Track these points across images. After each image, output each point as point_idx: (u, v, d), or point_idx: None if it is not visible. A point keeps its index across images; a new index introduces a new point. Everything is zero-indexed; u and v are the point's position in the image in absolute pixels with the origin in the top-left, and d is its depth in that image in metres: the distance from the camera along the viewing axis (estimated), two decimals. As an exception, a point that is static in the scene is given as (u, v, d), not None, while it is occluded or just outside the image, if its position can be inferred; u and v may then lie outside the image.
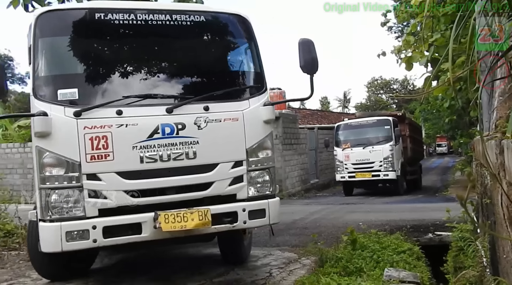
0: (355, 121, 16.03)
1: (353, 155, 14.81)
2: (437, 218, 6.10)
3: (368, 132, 15.23)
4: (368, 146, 14.63)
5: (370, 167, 14.47)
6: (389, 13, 9.56)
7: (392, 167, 14.18)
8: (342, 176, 15.12)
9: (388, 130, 14.62)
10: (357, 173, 14.72)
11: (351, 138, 15.37)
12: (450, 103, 10.19)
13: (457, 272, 3.93)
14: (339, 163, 15.20)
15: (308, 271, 4.50)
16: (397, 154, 14.51)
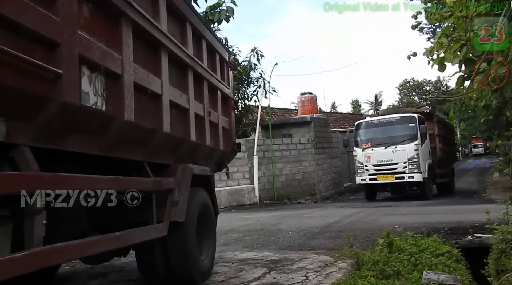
0: (376, 119, 14.90)
1: (374, 155, 13.63)
2: (476, 220, 5.97)
3: (391, 130, 13.96)
4: (391, 145, 13.42)
5: (393, 169, 13.30)
6: (420, 14, 9.43)
7: (417, 168, 12.98)
8: (363, 179, 13.91)
9: (413, 128, 13.39)
10: (378, 175, 13.53)
11: (372, 137, 14.15)
12: (485, 103, 9.93)
13: (499, 275, 3.85)
14: (359, 165, 14.04)
15: (344, 275, 4.50)
16: (424, 154, 13.43)
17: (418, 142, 13.14)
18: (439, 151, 15.21)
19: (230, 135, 5.59)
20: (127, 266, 5.53)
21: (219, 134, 5.04)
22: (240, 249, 6.23)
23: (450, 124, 24.12)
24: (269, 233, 7.36)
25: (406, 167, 13.07)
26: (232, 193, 13.57)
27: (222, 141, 5.11)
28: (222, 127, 5.14)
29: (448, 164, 17.26)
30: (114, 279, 4.87)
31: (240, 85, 18.16)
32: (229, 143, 5.49)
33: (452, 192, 16.20)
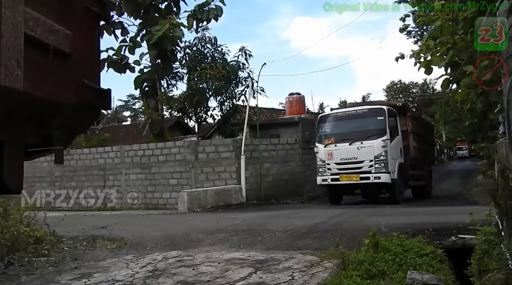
0: (341, 111, 13.15)
1: (338, 152, 11.99)
2: (460, 221, 6.04)
3: (357, 124, 12.38)
4: (356, 141, 11.77)
5: (358, 168, 11.65)
6: (408, 17, 9.53)
7: (385, 168, 11.36)
8: (324, 179, 12.22)
9: (381, 122, 11.73)
10: (342, 175, 11.85)
11: (335, 132, 12.57)
12: (470, 106, 10.09)
13: (482, 275, 3.90)
14: (321, 163, 12.33)
15: (330, 274, 4.52)
16: (394, 152, 11.83)
17: (386, 138, 11.54)
18: (413, 150, 13.48)
19: (81, 69, 2.29)
20: (112, 266, 5.48)
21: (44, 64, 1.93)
22: (226, 249, 6.22)
23: (428, 122, 22.12)
24: (256, 233, 7.36)
25: (372, 166, 11.48)
26: (219, 193, 13.54)
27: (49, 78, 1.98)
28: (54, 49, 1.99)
29: (424, 166, 15.66)
30: (99, 279, 4.82)
31: (228, 85, 18.15)
32: (75, 86, 2.23)
33: (428, 197, 14.87)
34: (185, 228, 8.52)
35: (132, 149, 15.97)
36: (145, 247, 6.83)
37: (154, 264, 5.44)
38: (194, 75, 17.97)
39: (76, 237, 7.69)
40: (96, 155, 16.67)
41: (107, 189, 16.06)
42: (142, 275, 4.92)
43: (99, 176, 16.36)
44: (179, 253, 6.07)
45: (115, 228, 8.78)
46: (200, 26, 17.67)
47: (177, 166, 14.92)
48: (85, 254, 6.47)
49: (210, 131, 23.28)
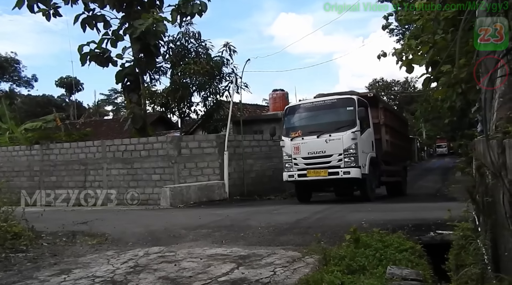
0: (308, 102, 12.34)
1: (305, 146, 11.22)
2: (439, 217, 6.16)
3: (325, 115, 11.66)
4: (324, 134, 11.02)
5: (326, 162, 10.91)
6: (391, 16, 9.61)
7: (355, 162, 10.67)
8: (290, 175, 11.43)
9: (351, 113, 11.00)
10: (309, 170, 11.10)
11: (303, 124, 11.79)
12: (450, 104, 10.27)
13: (459, 270, 3.99)
14: (287, 158, 11.55)
15: (312, 270, 4.56)
16: (364, 145, 11.17)
17: (356, 130, 10.84)
18: (386, 144, 12.74)
19: None
20: (93, 262, 5.42)
21: None
22: (209, 244, 6.21)
23: (402, 115, 21.03)
24: (239, 229, 7.37)
25: (342, 160, 10.75)
26: (202, 189, 13.50)
27: None
28: None
29: (399, 162, 14.97)
30: (79, 275, 4.76)
31: (212, 80, 18.06)
32: None
33: (403, 194, 14.41)
34: (167, 223, 8.48)
35: (114, 144, 15.77)
36: (126, 242, 6.77)
37: (135, 260, 5.40)
38: (177, 70, 17.82)
39: (56, 233, 7.57)
40: (76, 149, 16.42)
41: (88, 184, 15.86)
42: (123, 271, 4.88)
43: (80, 171, 16.12)
44: (161, 248, 6.04)
45: (96, 224, 8.69)
46: (184, 20, 17.53)
47: (160, 162, 14.81)
48: (64, 250, 6.38)
49: (193, 127, 23.16)
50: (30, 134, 19.07)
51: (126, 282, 4.43)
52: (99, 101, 54.64)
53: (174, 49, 18.41)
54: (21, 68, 45.97)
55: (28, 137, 18.86)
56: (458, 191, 11.19)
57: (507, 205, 2.28)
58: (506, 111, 3.15)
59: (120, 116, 33.42)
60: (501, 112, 3.24)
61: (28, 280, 4.72)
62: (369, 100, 12.04)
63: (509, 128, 2.24)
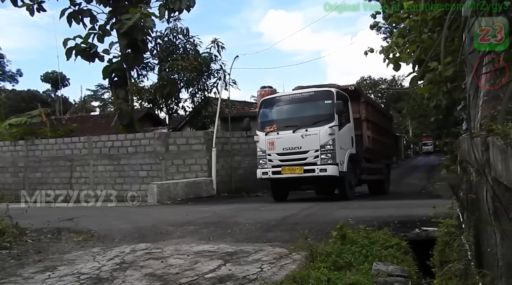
0: (285, 95, 11.71)
1: (280, 141, 10.58)
2: (424, 214, 6.23)
3: (302, 109, 11.01)
4: (301, 128, 10.39)
5: (302, 159, 10.31)
6: (379, 15, 9.71)
7: (332, 159, 10.07)
8: (264, 172, 10.81)
9: (329, 107, 10.33)
10: (284, 167, 10.47)
11: (278, 118, 11.16)
12: (436, 102, 10.42)
13: (443, 265, 4.04)
14: (262, 154, 10.90)
15: (298, 266, 4.58)
16: (343, 141, 10.55)
17: (334, 124, 10.21)
18: (368, 140, 12.13)
19: None
20: (78, 259, 5.37)
21: None
22: (196, 241, 6.20)
23: (386, 110, 20.26)
24: (226, 225, 7.37)
25: (318, 157, 10.13)
26: (189, 185, 13.46)
27: None
28: None
29: (381, 159, 14.35)
30: (64, 272, 4.71)
31: (200, 77, 17.98)
32: None
33: (384, 193, 13.80)
34: (154, 220, 8.43)
35: (100, 140, 15.62)
36: (112, 239, 6.71)
37: (121, 257, 5.36)
38: (165, 66, 17.72)
39: (41, 230, 7.47)
40: (62, 145, 16.22)
41: (74, 180, 15.69)
42: (109, 267, 4.84)
43: (66, 167, 15.93)
44: (147, 245, 6.01)
45: (81, 220, 8.60)
46: (172, 16, 17.43)
47: (147, 158, 14.71)
48: (49, 247, 6.30)
49: (181, 123, 23.05)
50: (14, 130, 18.79)
51: (112, 279, 4.39)
52: (85, 97, 54.03)
53: (162, 45, 18.29)
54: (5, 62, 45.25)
55: (13, 132, 18.59)
56: (443, 189, 11.38)
57: (490, 202, 2.32)
58: (490, 109, 3.20)
59: (107, 112, 33.11)
60: (485, 111, 3.28)
61: (12, 277, 4.65)
62: (350, 94, 11.41)
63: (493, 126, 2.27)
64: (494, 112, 3.06)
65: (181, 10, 16.59)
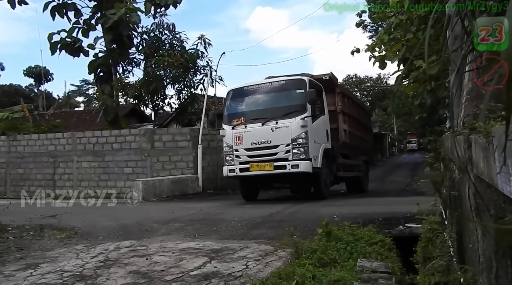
0: (253, 84, 10.53)
1: (248, 135, 9.67)
2: (408, 211, 6.32)
3: (272, 100, 10.15)
4: (270, 121, 9.52)
5: (272, 154, 9.40)
6: (364, 13, 9.77)
7: (305, 154, 9.20)
8: (231, 170, 9.91)
9: (301, 97, 9.50)
10: (252, 163, 9.55)
11: (246, 110, 10.39)
12: (420, 101, 10.54)
13: (426, 262, 4.10)
14: (228, 149, 10.02)
15: (284, 263, 4.59)
16: (317, 134, 9.75)
17: (307, 115, 9.34)
18: (344, 134, 11.37)
19: None
20: (61, 256, 5.29)
21: None
22: (181, 238, 6.17)
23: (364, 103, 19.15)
24: (212, 222, 7.35)
25: (290, 152, 9.25)
26: (175, 182, 13.38)
27: None
28: None
29: (359, 155, 13.59)
30: (46, 270, 4.64)
31: (186, 73, 17.87)
32: None
33: (363, 191, 13.18)
34: (139, 217, 8.37)
35: (84, 136, 15.42)
36: (96, 236, 6.64)
37: (105, 254, 5.31)
38: (151, 62, 17.57)
39: (23, 226, 7.35)
40: (45, 141, 15.96)
41: (57, 177, 15.46)
42: (93, 265, 4.79)
43: (49, 163, 15.69)
44: (132, 242, 5.96)
45: (65, 217, 8.48)
46: (158, 11, 17.27)
47: (132, 155, 14.57)
48: (31, 244, 6.20)
49: (167, 120, 22.90)
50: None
51: (96, 276, 4.34)
52: (69, 92, 53.18)
53: (148, 40, 18.12)
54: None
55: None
56: (427, 186, 11.54)
57: (472, 199, 2.35)
58: (473, 108, 3.24)
59: (91, 108, 32.68)
60: (468, 109, 3.33)
61: (-7, 275, 4.56)
62: (325, 84, 10.59)
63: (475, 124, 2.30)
64: (477, 110, 3.11)
65: (167, 5, 16.44)
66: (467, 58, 1.30)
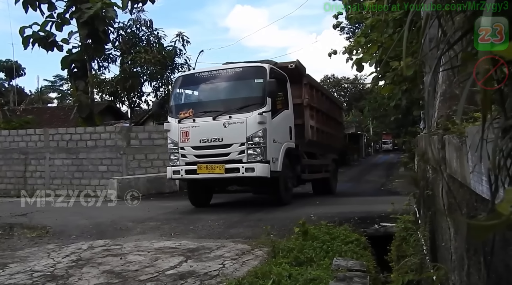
0: (205, 71, 9.05)
1: (196, 131, 8.21)
2: (383, 210, 6.41)
3: (226, 90, 8.81)
4: (223, 115, 8.08)
5: (223, 154, 7.99)
6: (341, 15, 9.88)
7: (262, 155, 7.84)
8: (176, 171, 8.45)
9: (259, 88, 8.12)
10: (200, 164, 8.11)
11: (195, 101, 9.09)
12: (396, 102, 10.75)
13: (400, 260, 4.17)
14: (173, 147, 8.57)
15: (260, 262, 4.59)
16: (278, 132, 8.37)
17: (265, 110, 7.94)
18: (311, 131, 10.11)
19: None
20: (31, 256, 5.15)
21: None
22: (157, 237, 6.09)
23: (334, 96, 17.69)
24: (188, 221, 7.29)
25: (244, 152, 7.90)
26: (151, 181, 13.21)
27: None
28: None
29: (327, 153, 12.29)
30: (15, 270, 4.50)
31: (163, 70, 17.68)
32: None
33: (331, 193, 12.03)
34: (114, 216, 8.22)
35: (58, 133, 15.04)
36: (69, 235, 6.49)
37: (78, 254, 5.19)
38: (127, 58, 17.30)
39: (-9, 226, 7.12)
40: (16, 137, 15.49)
41: (29, 174, 15.05)
42: (65, 265, 4.67)
43: (20, 160, 15.24)
44: (106, 242, 5.85)
45: (36, 216, 8.26)
46: (136, 7, 16.99)
47: (108, 152, 14.31)
48: (0, 243, 6.01)
49: (144, 117, 22.61)
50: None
51: (68, 276, 4.24)
52: (42, 88, 51.80)
53: (125, 36, 17.84)
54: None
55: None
56: (402, 186, 11.77)
57: (445, 198, 2.40)
58: (446, 109, 3.32)
59: (65, 104, 31.94)
60: (442, 110, 3.40)
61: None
62: (291, 74, 9.22)
63: (448, 125, 2.35)
64: (450, 111, 3.18)
65: (145, 1, 16.23)
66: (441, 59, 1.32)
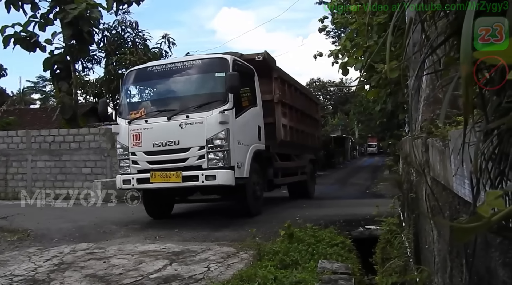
0: (160, 64, 8.09)
1: (149, 133, 7.19)
2: (368, 213, 6.46)
3: (183, 86, 7.79)
4: (179, 114, 7.07)
5: (180, 160, 6.94)
6: (326, 19, 9.93)
7: (225, 160, 6.82)
8: (127, 180, 7.29)
9: (221, 82, 7.06)
10: (154, 172, 7.03)
11: (148, 99, 8.14)
12: (381, 106, 10.87)
13: (384, 262, 4.20)
14: (123, 152, 7.48)
15: (246, 265, 4.58)
16: (244, 133, 7.39)
17: (228, 108, 6.96)
18: (284, 131, 9.15)
19: None
20: (11, 260, 5.04)
21: None
22: (141, 241, 6.03)
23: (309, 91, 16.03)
24: (173, 224, 7.23)
25: (204, 157, 6.87)
26: (136, 183, 13.07)
27: None
28: None
29: (303, 154, 11.23)
30: (-5, 274, 4.40)
31: (149, 72, 17.57)
32: None
33: (308, 197, 11.05)
34: (97, 219, 8.11)
35: (40, 135, 14.78)
36: (51, 239, 6.38)
37: (60, 257, 5.10)
38: (112, 60, 17.15)
39: (-30, 229, 6.95)
40: (-3, 139, 15.18)
41: (10, 176, 14.75)
42: (46, 269, 4.59)
43: (1, 162, 14.93)
44: (89, 245, 5.76)
45: (17, 219, 8.11)
46: (121, 8, 16.86)
47: (91, 154, 14.11)
48: (-21, 248, 5.87)
49: (128, 119, 22.41)
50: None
51: (49, 280, 4.16)
52: (25, 89, 50.86)
53: (110, 37, 17.69)
54: None
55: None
56: (386, 188, 11.89)
57: (428, 201, 2.42)
58: (430, 113, 3.36)
59: (48, 106, 31.43)
60: (426, 114, 3.44)
61: None
62: (259, 67, 8.27)
63: (432, 128, 2.38)
64: (433, 115, 3.22)
65: (130, 2, 16.10)
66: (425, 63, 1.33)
